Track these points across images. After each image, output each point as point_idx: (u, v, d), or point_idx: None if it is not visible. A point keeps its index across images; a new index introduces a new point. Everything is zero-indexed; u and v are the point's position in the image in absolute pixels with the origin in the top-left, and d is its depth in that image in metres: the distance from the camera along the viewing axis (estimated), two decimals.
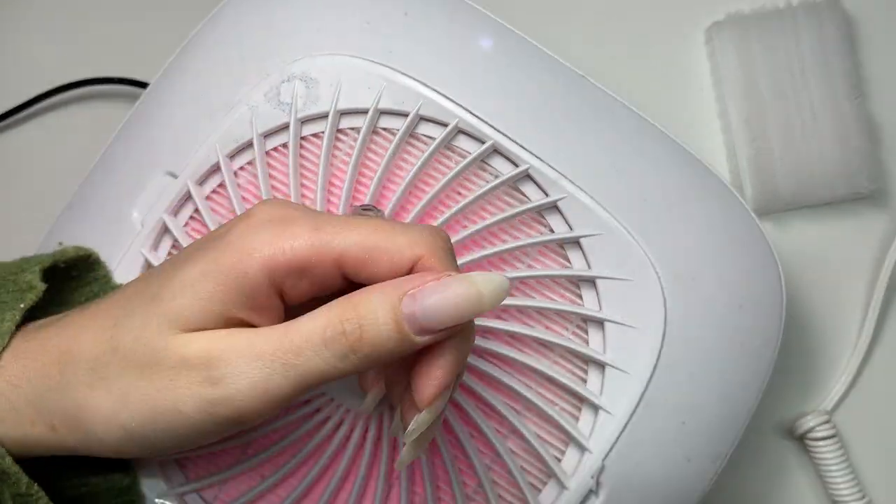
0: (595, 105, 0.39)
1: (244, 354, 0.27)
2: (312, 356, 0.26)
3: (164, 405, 0.27)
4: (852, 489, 0.44)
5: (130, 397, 0.28)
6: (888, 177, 0.47)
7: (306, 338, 0.26)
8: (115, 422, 0.28)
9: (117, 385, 0.28)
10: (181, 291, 0.27)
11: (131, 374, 0.28)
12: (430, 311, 0.26)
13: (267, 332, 0.27)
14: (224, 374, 0.27)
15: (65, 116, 0.50)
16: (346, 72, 0.38)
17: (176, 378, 0.27)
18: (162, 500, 0.36)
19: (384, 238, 0.27)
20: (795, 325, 0.46)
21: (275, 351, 0.27)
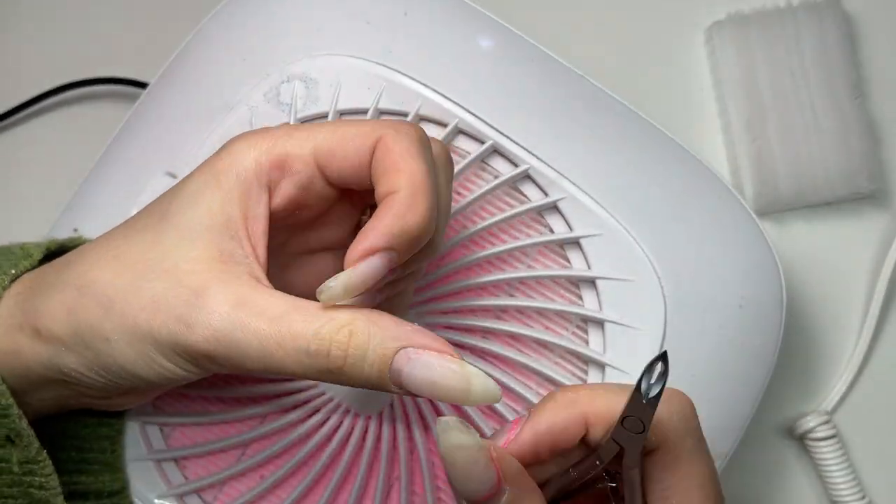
0: (595, 105, 0.39)
1: (229, 316, 0.27)
2: (292, 357, 0.27)
3: (142, 328, 0.28)
4: (852, 489, 0.44)
5: (116, 307, 0.28)
6: (888, 176, 0.47)
7: (294, 339, 0.27)
8: (100, 333, 0.28)
9: (104, 288, 0.28)
10: (189, 204, 0.29)
11: (124, 280, 0.28)
12: (414, 382, 0.26)
13: (258, 306, 0.27)
14: (199, 321, 0.27)
15: (65, 116, 0.50)
16: (345, 72, 0.38)
17: (158, 303, 0.27)
18: (162, 500, 0.36)
19: (350, 126, 0.29)
20: (795, 325, 0.46)
21: (257, 331, 0.27)
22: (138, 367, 0.28)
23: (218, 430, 0.37)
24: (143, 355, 0.28)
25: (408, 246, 0.28)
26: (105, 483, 0.35)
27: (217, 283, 0.27)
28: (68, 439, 0.35)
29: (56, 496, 0.31)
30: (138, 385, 0.29)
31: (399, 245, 0.27)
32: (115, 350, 0.28)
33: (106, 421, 0.36)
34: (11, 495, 0.31)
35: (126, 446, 0.36)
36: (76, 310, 0.29)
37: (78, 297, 0.29)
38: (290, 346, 0.27)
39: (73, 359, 0.29)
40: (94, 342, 0.28)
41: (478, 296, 0.37)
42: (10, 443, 0.30)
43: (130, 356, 0.28)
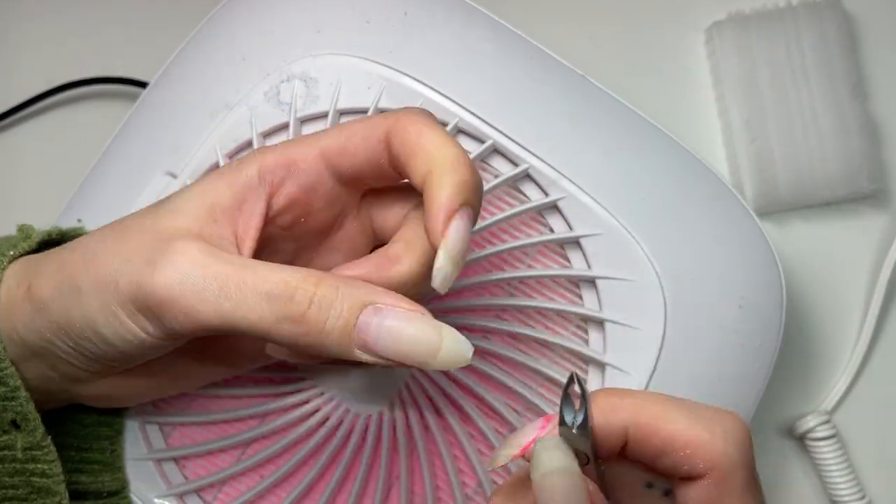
0: (595, 105, 0.39)
1: (193, 257, 0.27)
2: (250, 301, 0.26)
3: (108, 272, 0.28)
4: (852, 489, 0.44)
5: (95, 258, 0.28)
6: (888, 176, 0.47)
7: (255, 282, 0.26)
8: (75, 282, 0.28)
9: (93, 244, 0.29)
10: (186, 190, 0.30)
11: (112, 237, 0.29)
12: (381, 339, 0.26)
13: (227, 255, 0.27)
14: (163, 262, 0.27)
15: (65, 116, 0.50)
16: (345, 71, 0.38)
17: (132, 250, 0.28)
18: (161, 500, 0.36)
19: (355, 123, 0.30)
20: (795, 324, 0.46)
21: (219, 273, 0.26)
22: (99, 321, 0.28)
23: (218, 430, 0.37)
24: (104, 306, 0.28)
25: (476, 197, 0.28)
26: (104, 483, 0.35)
27: (190, 238, 0.28)
28: (67, 438, 0.35)
29: (59, 483, 0.31)
30: (105, 352, 0.29)
31: (471, 198, 0.28)
32: (82, 301, 0.28)
33: (105, 420, 0.36)
34: (13, 485, 0.31)
35: (126, 446, 0.36)
36: (64, 264, 0.29)
37: (69, 253, 0.30)
38: (251, 288, 0.26)
39: (48, 318, 0.29)
40: (69, 293, 0.28)
41: (478, 296, 0.37)
42: (16, 428, 0.30)
43: (94, 307, 0.28)
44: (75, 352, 0.29)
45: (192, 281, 0.26)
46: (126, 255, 0.28)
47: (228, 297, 0.26)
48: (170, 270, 0.27)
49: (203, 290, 0.26)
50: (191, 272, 0.27)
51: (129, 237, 0.29)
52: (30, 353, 0.30)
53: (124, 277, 0.27)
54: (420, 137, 0.28)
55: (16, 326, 0.30)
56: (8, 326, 0.30)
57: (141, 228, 0.29)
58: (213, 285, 0.26)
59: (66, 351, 0.29)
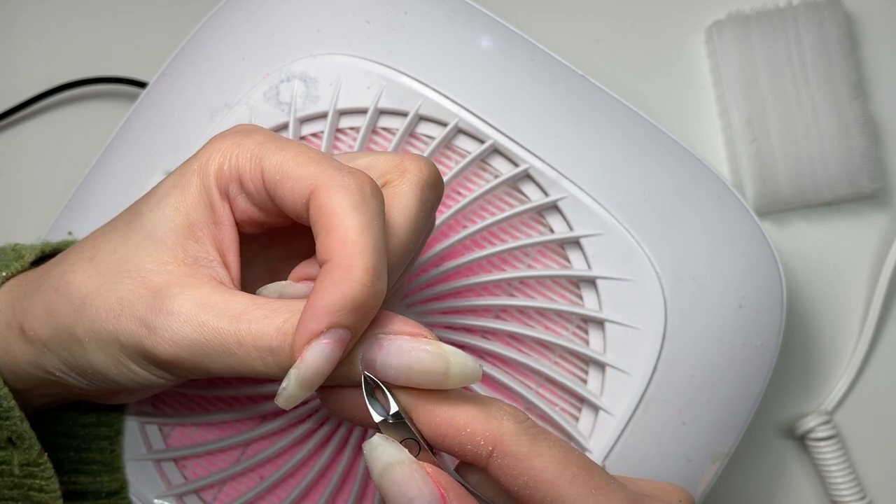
0: (595, 105, 0.39)
1: (189, 318, 0.26)
2: (254, 356, 0.26)
3: (108, 330, 0.27)
4: (852, 489, 0.44)
5: (86, 309, 0.28)
6: (889, 176, 0.47)
7: (253, 337, 0.26)
8: (74, 335, 0.28)
9: (77, 289, 0.28)
10: (157, 206, 0.29)
11: (95, 281, 0.28)
12: (389, 369, 0.25)
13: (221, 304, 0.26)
14: (160, 325, 0.26)
15: (65, 116, 0.50)
16: (345, 71, 0.38)
17: (123, 304, 0.27)
18: (161, 500, 0.36)
19: (294, 162, 0.27)
20: (795, 324, 0.46)
21: (217, 333, 0.26)
22: (110, 371, 0.28)
23: (217, 430, 0.37)
24: (112, 359, 0.28)
25: (356, 317, 0.25)
26: (103, 483, 0.35)
27: (178, 286, 0.27)
28: (67, 439, 0.35)
29: (56, 499, 0.31)
30: (118, 389, 0.29)
31: (345, 320, 0.25)
32: (88, 353, 0.28)
33: (105, 421, 0.36)
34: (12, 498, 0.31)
35: (125, 446, 0.36)
36: (53, 311, 0.28)
37: (55, 298, 0.29)
38: (251, 344, 0.26)
39: (54, 360, 0.29)
40: (69, 344, 0.28)
41: (478, 296, 0.37)
42: (12, 445, 0.30)
43: (101, 359, 0.28)
44: (88, 385, 0.29)
45: (194, 346, 0.26)
46: (118, 312, 0.27)
47: (232, 356, 0.26)
48: (170, 336, 0.26)
49: (207, 349, 0.26)
50: (190, 335, 0.26)
51: (112, 285, 0.27)
52: (40, 383, 0.30)
53: (125, 336, 0.27)
54: (332, 218, 0.26)
55: (20, 364, 0.30)
56: (9, 360, 0.30)
57: (123, 267, 0.28)
58: (215, 344, 0.26)
59: (78, 384, 0.30)
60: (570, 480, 0.25)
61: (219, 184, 0.28)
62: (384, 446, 0.25)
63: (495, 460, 0.25)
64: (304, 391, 0.25)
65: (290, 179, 0.27)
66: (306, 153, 0.27)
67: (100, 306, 0.27)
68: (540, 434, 0.26)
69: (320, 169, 0.27)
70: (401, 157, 0.29)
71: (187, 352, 0.26)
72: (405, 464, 0.25)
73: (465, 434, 0.25)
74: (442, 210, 0.38)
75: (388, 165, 0.29)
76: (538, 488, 0.25)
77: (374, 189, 0.27)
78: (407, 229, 0.28)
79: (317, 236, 0.26)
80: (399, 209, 0.28)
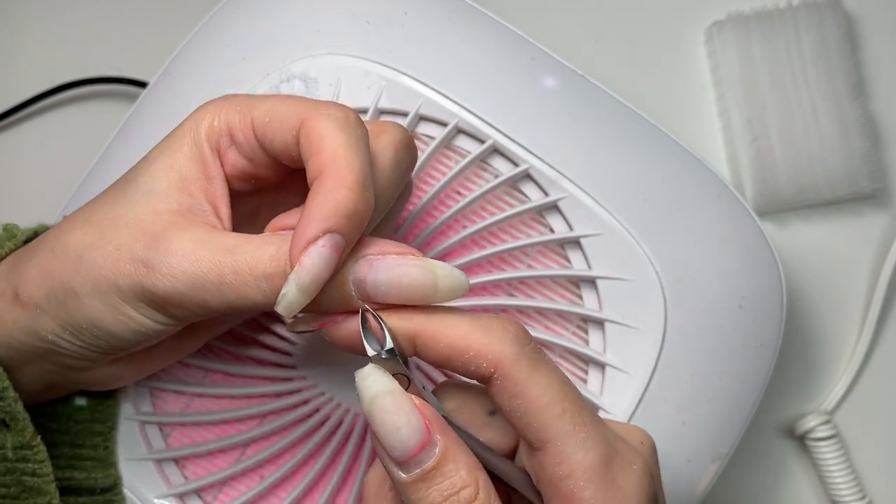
0: (595, 105, 0.39)
1: (186, 253, 0.27)
2: (250, 285, 0.27)
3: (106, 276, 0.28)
4: (852, 489, 0.44)
5: (83, 260, 0.28)
6: (889, 176, 0.47)
7: (249, 266, 0.27)
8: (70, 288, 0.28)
9: (74, 246, 0.29)
10: (150, 167, 0.30)
11: (92, 236, 0.29)
12: (379, 286, 0.26)
13: (215, 240, 0.27)
14: (159, 262, 0.27)
15: (65, 116, 0.50)
16: (345, 71, 0.38)
17: (121, 249, 0.28)
18: (161, 500, 0.36)
19: (283, 103, 0.29)
20: (795, 324, 0.46)
21: (214, 265, 0.27)
22: (107, 320, 0.29)
23: (218, 430, 0.37)
24: (110, 307, 0.28)
25: (349, 223, 0.26)
26: (98, 479, 0.35)
27: (175, 228, 0.28)
28: (61, 435, 0.35)
29: (49, 483, 0.32)
30: (114, 345, 0.30)
31: (339, 225, 0.26)
32: (84, 305, 0.28)
33: (98, 417, 0.36)
34: (4, 483, 0.31)
35: (123, 444, 0.36)
36: (49, 269, 0.29)
37: (51, 258, 0.29)
38: (247, 273, 0.27)
39: (49, 322, 0.29)
40: (65, 299, 0.29)
41: (478, 296, 0.37)
42: (5, 427, 0.30)
43: (98, 308, 0.28)
44: (81, 348, 0.30)
45: (192, 279, 0.27)
46: (116, 257, 0.28)
47: (229, 287, 0.27)
48: (167, 270, 0.27)
49: (204, 281, 0.27)
50: (188, 269, 0.27)
51: (112, 233, 0.28)
52: (31, 355, 0.30)
53: (123, 279, 0.28)
54: (322, 141, 0.27)
55: (11, 333, 0.30)
56: (3, 333, 0.30)
57: (120, 221, 0.29)
58: (212, 276, 0.27)
59: (71, 348, 0.30)
60: (559, 414, 0.26)
61: (209, 139, 0.30)
62: (376, 375, 0.26)
63: (495, 381, 0.26)
64: (303, 296, 0.26)
65: (279, 119, 0.28)
66: (291, 97, 0.29)
67: (97, 255, 0.28)
68: (540, 362, 0.27)
69: (306, 104, 0.28)
70: (374, 121, 0.31)
71: (186, 286, 0.27)
72: (395, 393, 0.25)
73: (469, 357, 0.26)
74: (442, 210, 0.38)
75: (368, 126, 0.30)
76: (528, 412, 0.26)
77: (357, 119, 0.28)
78: (386, 178, 0.29)
79: (307, 161, 0.27)
80: (377, 162, 0.29)
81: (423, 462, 0.25)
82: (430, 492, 0.25)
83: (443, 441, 0.25)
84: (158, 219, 0.28)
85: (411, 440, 0.25)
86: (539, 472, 0.27)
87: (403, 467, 0.25)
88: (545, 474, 0.26)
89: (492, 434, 0.29)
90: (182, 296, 0.27)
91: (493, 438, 0.29)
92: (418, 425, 0.25)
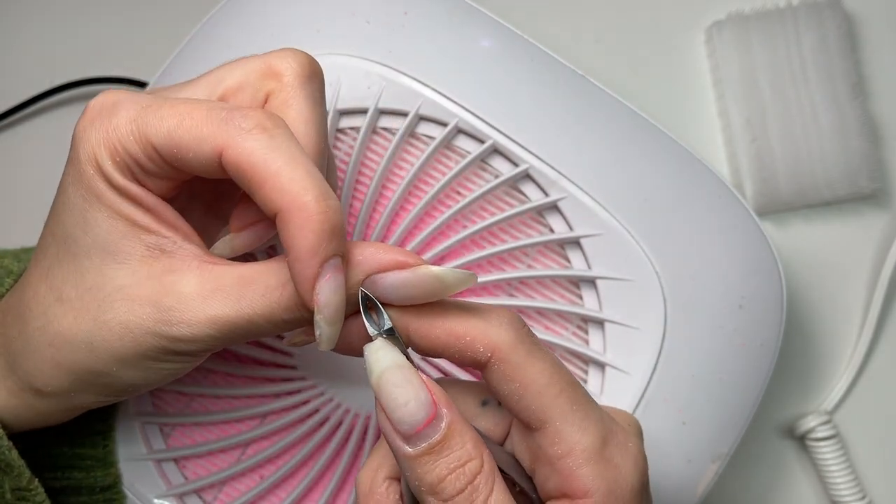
0: (595, 105, 0.39)
1: (197, 315, 0.27)
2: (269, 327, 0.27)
3: (130, 352, 0.28)
4: (853, 489, 0.44)
5: (96, 348, 0.28)
6: (889, 176, 0.47)
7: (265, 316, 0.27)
8: (99, 370, 0.28)
9: (73, 335, 0.28)
10: (81, 220, 0.27)
11: (85, 321, 0.28)
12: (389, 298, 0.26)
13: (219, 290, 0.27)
14: (174, 334, 0.27)
15: (65, 116, 0.50)
16: (345, 71, 0.38)
17: (129, 327, 0.27)
18: (161, 500, 0.36)
19: (190, 129, 0.26)
20: (795, 324, 0.46)
21: (228, 320, 0.27)
22: (149, 379, 0.29)
23: (218, 430, 0.37)
24: (147, 370, 0.28)
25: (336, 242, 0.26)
26: (97, 478, 0.35)
27: (171, 295, 0.27)
28: (61, 435, 0.35)
29: None
30: (150, 387, 0.30)
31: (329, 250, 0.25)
32: (122, 376, 0.28)
33: (98, 416, 0.36)
34: None
35: (123, 444, 0.36)
36: (63, 363, 0.28)
37: (56, 353, 0.28)
38: (263, 321, 0.27)
39: (86, 397, 0.30)
40: (97, 379, 0.29)
41: (478, 296, 0.37)
42: (2, 472, 0.30)
43: (138, 375, 0.28)
44: (118, 399, 0.31)
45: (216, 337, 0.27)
46: (129, 337, 0.27)
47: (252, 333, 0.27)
48: (192, 337, 0.27)
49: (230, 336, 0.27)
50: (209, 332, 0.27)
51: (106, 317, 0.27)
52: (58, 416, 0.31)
53: (151, 351, 0.28)
54: (255, 171, 0.25)
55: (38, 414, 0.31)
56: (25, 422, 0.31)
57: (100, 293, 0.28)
58: (235, 332, 0.27)
59: (107, 401, 0.30)
60: (556, 394, 0.27)
61: (121, 171, 0.27)
62: (385, 349, 0.26)
63: (492, 365, 0.27)
64: (334, 326, 0.26)
65: (189, 150, 0.26)
66: (188, 115, 0.26)
67: (109, 339, 0.28)
68: (535, 346, 0.27)
69: (214, 129, 0.26)
70: (264, 59, 0.29)
71: (214, 340, 0.27)
72: (403, 368, 0.26)
73: (465, 342, 0.27)
74: (442, 210, 0.38)
75: (257, 73, 0.29)
76: (526, 395, 0.26)
77: (273, 120, 0.26)
78: (311, 132, 0.29)
79: (248, 190, 0.26)
80: (294, 118, 0.28)
81: (429, 436, 0.25)
82: (437, 465, 0.25)
83: (449, 415, 0.26)
84: (140, 278, 0.27)
85: (419, 414, 0.25)
86: (536, 452, 0.27)
87: (410, 441, 0.26)
88: (543, 454, 0.27)
89: (483, 423, 0.29)
90: (212, 347, 0.28)
91: (485, 427, 0.29)
92: (426, 399, 0.25)
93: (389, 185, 0.38)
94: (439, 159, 0.38)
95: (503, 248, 0.37)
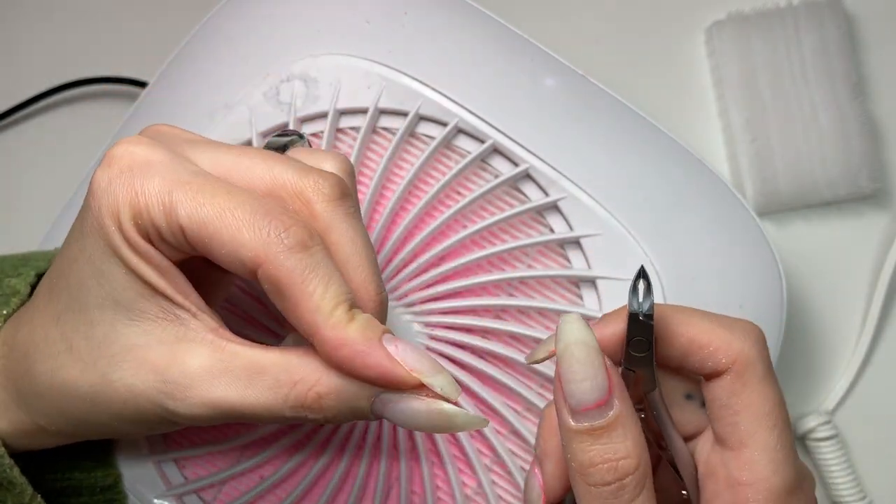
0: (595, 104, 0.39)
1: (202, 398, 0.26)
2: (275, 417, 0.27)
3: (131, 415, 0.28)
4: (853, 489, 0.44)
5: (98, 403, 0.28)
6: (889, 176, 0.47)
7: (269, 409, 0.26)
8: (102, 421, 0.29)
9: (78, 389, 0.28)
10: (95, 275, 0.27)
11: (92, 375, 0.28)
12: (397, 422, 0.26)
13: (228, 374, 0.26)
14: (179, 410, 0.27)
15: (65, 116, 0.50)
16: (345, 71, 0.38)
17: (134, 392, 0.27)
18: (161, 500, 0.36)
19: (230, 228, 0.25)
20: (795, 325, 0.46)
21: (234, 405, 0.26)
22: (153, 430, 0.30)
23: (218, 431, 0.37)
24: (146, 428, 0.29)
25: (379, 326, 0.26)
26: (98, 478, 0.35)
27: (179, 369, 0.27)
28: None
29: None
30: None
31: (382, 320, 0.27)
32: (120, 429, 0.29)
33: None
34: None
35: (123, 444, 0.36)
36: (68, 411, 0.29)
37: (62, 400, 0.29)
38: (266, 413, 0.26)
39: (92, 433, 0.30)
40: (102, 429, 0.29)
41: (478, 296, 0.37)
42: (4, 489, 0.31)
43: (136, 430, 0.29)
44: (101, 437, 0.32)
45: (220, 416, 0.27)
46: (133, 401, 0.27)
47: (257, 417, 0.27)
48: (192, 418, 0.27)
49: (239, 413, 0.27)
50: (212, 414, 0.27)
51: (112, 376, 0.27)
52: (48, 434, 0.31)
53: (152, 416, 0.27)
54: (292, 290, 0.25)
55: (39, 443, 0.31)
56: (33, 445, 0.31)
57: (108, 350, 0.27)
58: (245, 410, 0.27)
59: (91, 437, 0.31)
60: (771, 426, 0.27)
61: (142, 237, 0.26)
62: (579, 324, 0.26)
63: (724, 377, 0.27)
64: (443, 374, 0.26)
65: (222, 247, 0.25)
66: (230, 213, 0.25)
67: (113, 398, 0.28)
68: (770, 370, 0.28)
69: (254, 236, 0.25)
70: (297, 184, 0.27)
71: (211, 420, 0.27)
72: (590, 346, 0.26)
73: (708, 351, 0.27)
74: (442, 210, 0.38)
75: (287, 190, 0.27)
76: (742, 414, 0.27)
77: (312, 236, 0.26)
78: (358, 251, 0.28)
79: (279, 305, 0.26)
80: (336, 241, 0.27)
81: (594, 418, 0.26)
82: (593, 448, 0.26)
83: (620, 407, 0.26)
84: (152, 341, 0.27)
85: (591, 394, 0.25)
86: (716, 467, 0.27)
87: (575, 416, 0.26)
88: (725, 472, 0.27)
89: (679, 415, 0.29)
90: (211, 420, 0.27)
91: (679, 419, 0.29)
92: (602, 384, 0.26)
93: (389, 185, 0.38)
94: (439, 159, 0.38)
95: (503, 248, 0.37)
